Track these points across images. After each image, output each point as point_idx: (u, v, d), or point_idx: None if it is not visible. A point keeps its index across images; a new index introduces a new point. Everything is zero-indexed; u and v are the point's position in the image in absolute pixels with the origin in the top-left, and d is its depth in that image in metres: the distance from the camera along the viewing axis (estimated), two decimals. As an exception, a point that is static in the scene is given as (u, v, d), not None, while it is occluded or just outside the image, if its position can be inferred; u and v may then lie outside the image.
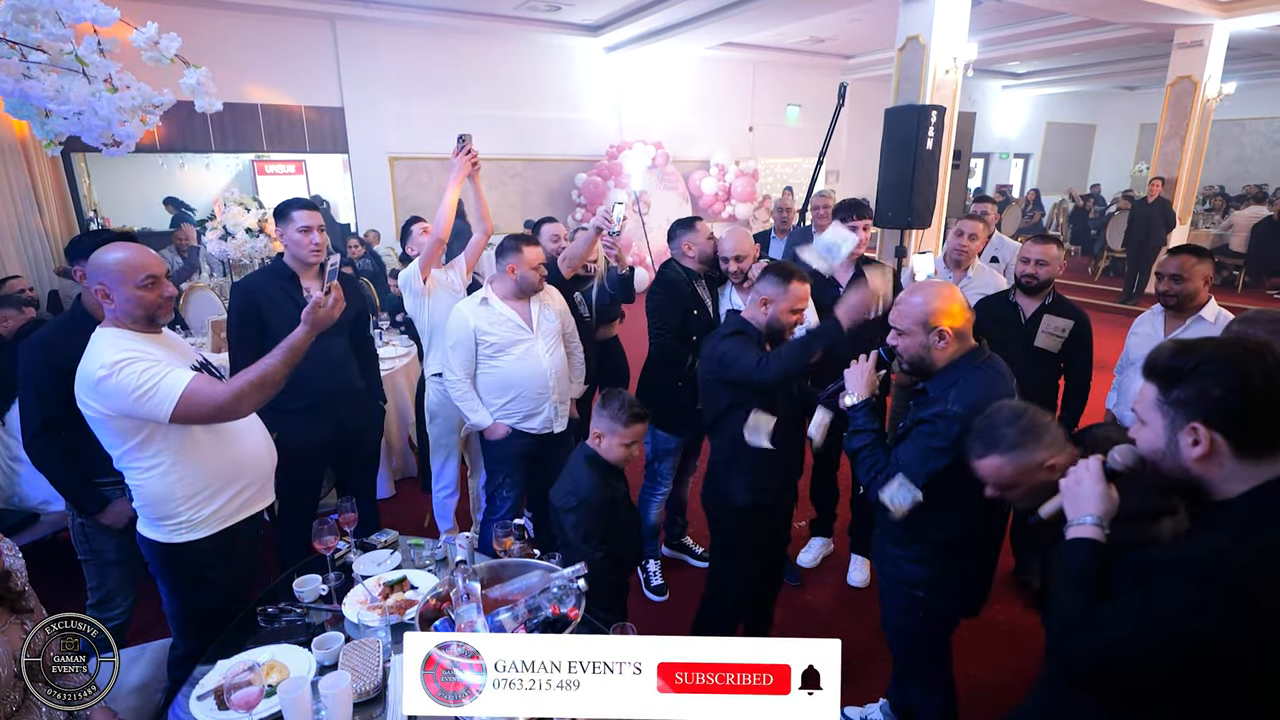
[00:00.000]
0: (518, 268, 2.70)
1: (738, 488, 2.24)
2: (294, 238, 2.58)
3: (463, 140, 2.96)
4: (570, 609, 1.63)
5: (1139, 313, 2.93)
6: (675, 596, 3.22)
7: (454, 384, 2.77)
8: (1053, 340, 2.87)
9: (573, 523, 2.03)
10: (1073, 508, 1.22)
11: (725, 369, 2.15)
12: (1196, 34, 8.36)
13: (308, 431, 2.62)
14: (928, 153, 5.59)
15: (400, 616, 1.88)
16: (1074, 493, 1.22)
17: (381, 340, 4.62)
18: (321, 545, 2.04)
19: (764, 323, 2.21)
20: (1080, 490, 1.21)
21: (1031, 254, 2.87)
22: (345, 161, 9.37)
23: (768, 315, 2.20)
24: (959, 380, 1.73)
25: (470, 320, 2.70)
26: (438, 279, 3.12)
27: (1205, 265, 2.57)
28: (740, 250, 2.85)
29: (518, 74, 9.92)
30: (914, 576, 1.88)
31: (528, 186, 10.41)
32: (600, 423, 2.08)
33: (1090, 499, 1.19)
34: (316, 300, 1.90)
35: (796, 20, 8.88)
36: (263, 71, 8.39)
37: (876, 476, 1.76)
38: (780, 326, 2.20)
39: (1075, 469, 1.24)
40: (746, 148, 11.84)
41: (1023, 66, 13.63)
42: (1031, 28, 9.59)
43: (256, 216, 4.11)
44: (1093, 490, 1.19)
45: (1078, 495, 1.21)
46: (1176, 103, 8.74)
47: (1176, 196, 8.89)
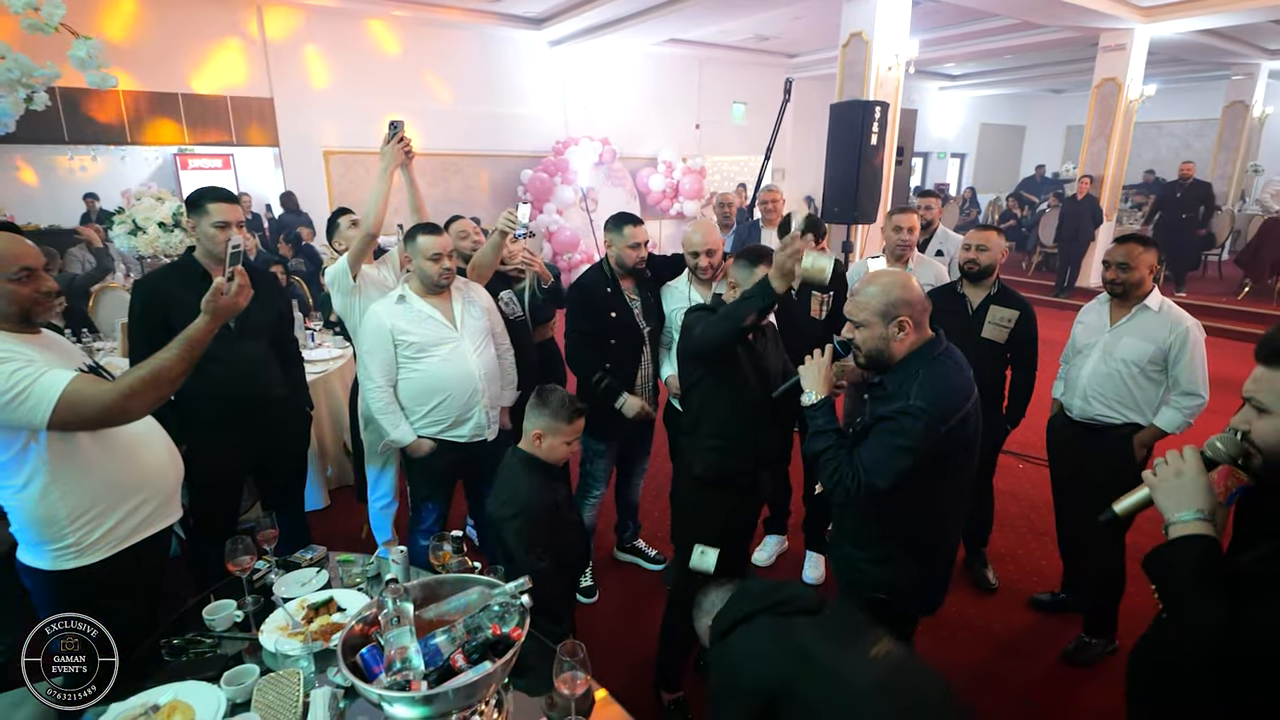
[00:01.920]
0: (414, 259, 2.52)
1: (696, 460, 2.25)
2: (208, 233, 2.33)
3: (395, 127, 2.76)
4: (513, 628, 1.49)
5: (1072, 305, 2.98)
6: (627, 600, 3.11)
7: (373, 392, 2.54)
8: (999, 331, 2.89)
9: (514, 532, 1.89)
10: (1172, 502, 1.11)
11: (688, 340, 2.20)
12: (1119, 38, 8.72)
13: (221, 442, 2.39)
14: (872, 148, 5.65)
15: (325, 643, 1.71)
16: (1172, 486, 1.12)
17: (314, 342, 4.39)
18: (236, 566, 1.85)
19: None
20: (1182, 483, 1.11)
21: (972, 240, 2.93)
22: (276, 155, 8.92)
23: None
24: (919, 373, 1.65)
25: (386, 320, 2.50)
26: (369, 276, 2.91)
27: (1150, 254, 2.59)
28: (710, 244, 2.74)
29: (459, 67, 9.65)
30: (875, 579, 1.80)
31: (471, 183, 10.14)
32: (540, 422, 1.96)
33: (1195, 492, 1.09)
34: (217, 286, 1.70)
35: (739, 17, 8.88)
36: (182, 58, 7.91)
37: (842, 481, 1.67)
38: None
39: (1172, 459, 1.14)
40: (693, 145, 11.82)
41: (958, 68, 14.04)
42: (967, 29, 9.84)
43: (171, 210, 3.80)
44: (1195, 482, 1.10)
45: (1178, 489, 1.11)
46: (1102, 103, 9.10)
47: (1103, 194, 9.26)
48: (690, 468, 2.27)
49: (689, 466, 2.28)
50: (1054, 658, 2.78)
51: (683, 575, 2.30)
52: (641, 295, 2.92)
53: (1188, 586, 1.02)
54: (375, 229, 2.76)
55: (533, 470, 1.95)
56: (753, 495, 2.32)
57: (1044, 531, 3.62)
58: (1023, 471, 4.45)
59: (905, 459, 1.60)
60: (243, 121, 8.48)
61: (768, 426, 2.28)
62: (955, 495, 1.78)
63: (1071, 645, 2.79)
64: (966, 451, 1.72)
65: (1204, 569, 1.02)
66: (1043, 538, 3.60)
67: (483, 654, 1.46)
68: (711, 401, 2.21)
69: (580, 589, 3.07)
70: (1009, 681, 2.68)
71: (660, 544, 3.44)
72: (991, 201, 14.57)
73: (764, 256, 2.17)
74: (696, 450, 2.25)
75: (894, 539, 1.77)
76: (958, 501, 1.81)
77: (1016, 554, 3.52)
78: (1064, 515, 2.96)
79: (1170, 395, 2.57)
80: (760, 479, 2.33)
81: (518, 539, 1.87)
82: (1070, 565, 3.05)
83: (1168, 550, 1.07)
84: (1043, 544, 3.56)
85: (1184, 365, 2.51)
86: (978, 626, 2.98)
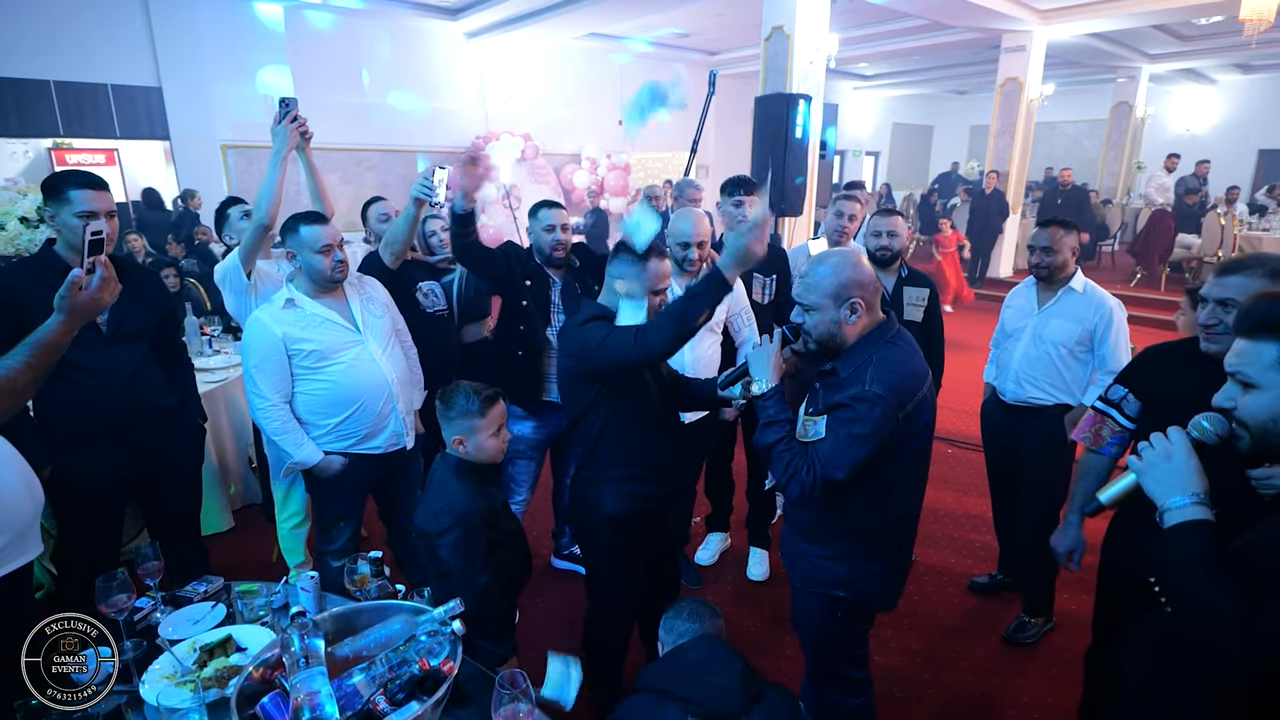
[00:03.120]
0: (299, 254, 2.23)
1: (606, 495, 1.94)
2: (70, 224, 2.02)
3: (286, 105, 2.48)
4: (444, 661, 1.31)
5: (986, 295, 3.05)
6: (569, 610, 2.94)
7: (267, 412, 2.22)
8: (916, 310, 2.93)
9: (450, 545, 1.69)
10: (1163, 487, 1.04)
11: (590, 357, 1.83)
12: (1020, 39, 9.16)
13: (94, 462, 2.09)
14: (797, 141, 5.68)
15: (222, 690, 1.48)
16: (1161, 470, 1.05)
17: (211, 348, 4.02)
18: (110, 608, 1.59)
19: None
20: (1171, 466, 1.04)
21: (881, 227, 2.92)
22: (167, 150, 8.24)
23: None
24: (873, 358, 1.57)
25: (276, 329, 2.20)
26: (266, 273, 2.62)
27: (1072, 237, 2.64)
28: (702, 234, 2.51)
29: (370, 57, 9.18)
30: (833, 575, 1.71)
31: (386, 179, 9.67)
32: (455, 425, 1.76)
33: (1188, 475, 1.02)
34: (74, 279, 1.43)
35: (659, 11, 8.81)
36: (54, 42, 7.16)
37: (797, 474, 1.56)
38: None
39: (1157, 443, 1.07)
40: (618, 141, 11.70)
41: (871, 69, 14.48)
42: (879, 29, 10.12)
43: (35, 204, 3.36)
44: (1187, 465, 1.03)
45: (1168, 473, 1.04)
46: (1005, 102, 9.55)
47: (1009, 188, 9.73)
48: (598, 505, 1.95)
49: (596, 504, 1.96)
50: (996, 639, 2.81)
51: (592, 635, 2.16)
52: (565, 282, 2.75)
53: (1197, 578, 0.96)
54: (269, 220, 2.47)
55: (464, 476, 1.76)
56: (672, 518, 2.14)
57: (976, 515, 3.68)
58: (952, 456, 4.54)
59: (863, 447, 1.51)
60: (127, 113, 7.77)
61: (680, 441, 2.06)
62: (912, 486, 1.72)
63: (1012, 625, 2.82)
64: (923, 438, 1.65)
65: (1211, 557, 0.95)
66: (975, 520, 3.66)
67: (410, 693, 1.28)
68: (613, 421, 1.91)
69: None
70: (954, 665, 2.67)
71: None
72: (905, 197, 15.12)
73: (652, 249, 1.89)
74: (602, 483, 1.94)
75: (851, 533, 1.69)
76: (915, 492, 1.74)
77: (952, 538, 3.56)
78: (999, 497, 2.99)
79: (1097, 375, 2.62)
80: (679, 505, 2.14)
81: (454, 553, 1.68)
82: (1006, 546, 3.09)
83: (1176, 536, 1.00)
84: (975, 527, 3.61)
85: (1109, 344, 2.57)
86: (921, 612, 2.98)
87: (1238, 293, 1.54)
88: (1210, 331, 1.60)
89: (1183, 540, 0.99)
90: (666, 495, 2.03)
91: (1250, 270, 1.55)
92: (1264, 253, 1.64)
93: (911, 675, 2.63)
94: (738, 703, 1.36)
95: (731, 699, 1.36)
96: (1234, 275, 1.57)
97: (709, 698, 1.37)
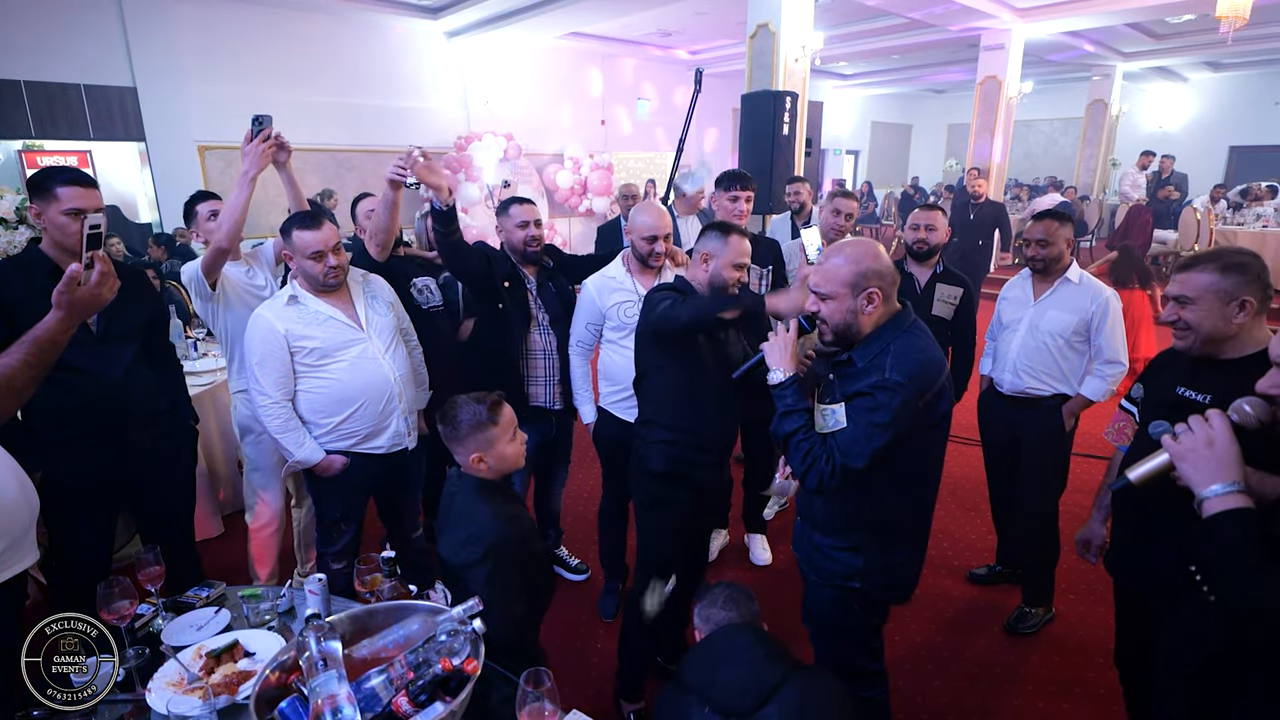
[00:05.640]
0: (293, 256, 2.20)
1: (654, 454, 2.13)
2: (57, 221, 1.95)
3: (260, 123, 2.33)
4: (466, 660, 1.28)
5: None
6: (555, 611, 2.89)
7: (269, 409, 2.19)
8: (947, 308, 2.96)
9: (484, 579, 1.56)
10: (1203, 474, 1.03)
11: (649, 317, 2.07)
12: (999, 38, 9.28)
13: (84, 466, 2.02)
14: (784, 139, 5.69)
15: (232, 696, 1.44)
16: (1202, 456, 1.04)
17: (197, 351, 3.94)
18: (113, 614, 1.54)
19: (704, 280, 2.09)
20: (1215, 453, 1.03)
21: (921, 220, 2.98)
22: (142, 152, 8.06)
23: (709, 271, 2.07)
24: (890, 347, 1.57)
25: (279, 325, 2.16)
26: (233, 280, 2.56)
27: (1067, 229, 2.67)
28: (664, 228, 2.51)
29: (351, 57, 9.06)
30: (849, 567, 1.70)
31: (368, 180, 9.53)
32: (468, 442, 1.63)
33: (1230, 463, 1.01)
34: (72, 274, 1.39)
35: (641, 10, 8.79)
36: (24, 41, 6.98)
37: (816, 463, 1.56)
38: (721, 282, 2.06)
39: (1197, 427, 1.06)
40: (600, 141, 11.67)
41: (851, 68, 14.58)
42: (860, 28, 10.20)
43: (13, 205, 3.27)
44: (1229, 452, 1.02)
45: (1209, 459, 1.03)
46: (985, 99, 9.67)
47: (990, 184, 9.83)
48: (647, 463, 2.13)
49: (645, 462, 2.14)
50: (997, 630, 2.82)
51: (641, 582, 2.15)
52: (540, 282, 2.73)
53: (1241, 566, 0.95)
54: (227, 243, 2.39)
55: (490, 497, 1.65)
56: (715, 489, 2.20)
57: (973, 507, 3.71)
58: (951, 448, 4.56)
59: (883, 436, 1.50)
60: (101, 114, 7.60)
61: (727, 414, 2.17)
62: (929, 475, 1.72)
63: (1012, 616, 2.84)
64: (940, 428, 1.65)
65: (1255, 545, 0.95)
66: (972, 513, 3.69)
67: (432, 694, 1.25)
68: (669, 387, 2.10)
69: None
70: (957, 656, 2.69)
71: (580, 553, 3.26)
72: (887, 195, 15.25)
73: (736, 228, 2.10)
74: (653, 443, 2.12)
75: (867, 524, 1.68)
76: (932, 482, 1.74)
77: (950, 530, 3.58)
78: (997, 488, 3.01)
79: (1094, 364, 2.65)
80: (723, 470, 2.21)
81: (490, 585, 1.55)
82: (1005, 537, 3.11)
83: (1220, 525, 0.99)
84: (973, 519, 3.64)
85: (1105, 334, 2.60)
86: (921, 604, 2.98)
87: (1192, 289, 1.54)
88: (1175, 328, 1.60)
89: (1225, 528, 0.99)
90: (709, 465, 2.18)
91: (1203, 265, 1.55)
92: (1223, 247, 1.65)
93: (916, 667, 2.63)
94: (749, 699, 1.32)
95: (742, 694, 1.33)
96: (1188, 272, 1.57)
97: (721, 692, 1.35)
